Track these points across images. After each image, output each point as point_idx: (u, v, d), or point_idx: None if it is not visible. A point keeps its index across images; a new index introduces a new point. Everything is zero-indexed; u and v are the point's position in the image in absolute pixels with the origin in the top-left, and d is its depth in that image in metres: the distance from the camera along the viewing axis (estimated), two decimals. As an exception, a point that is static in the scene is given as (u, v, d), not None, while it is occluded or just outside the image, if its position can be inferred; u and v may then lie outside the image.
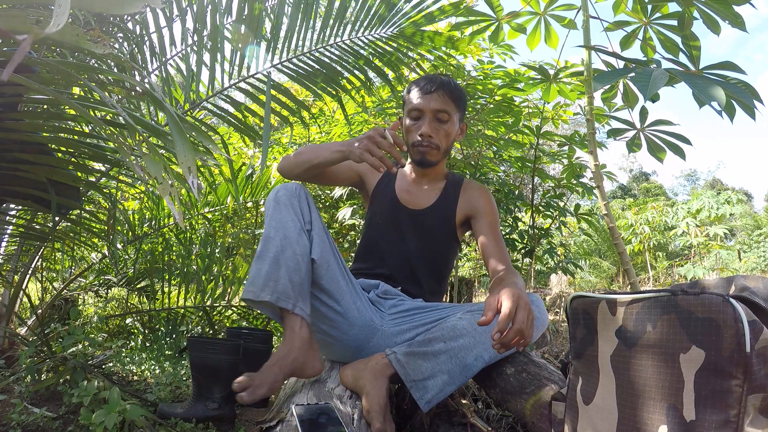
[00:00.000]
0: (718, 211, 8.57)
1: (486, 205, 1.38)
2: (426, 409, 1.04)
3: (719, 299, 0.61)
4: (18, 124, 1.08)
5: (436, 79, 1.33)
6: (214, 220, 2.75)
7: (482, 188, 1.43)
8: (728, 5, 1.32)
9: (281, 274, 1.06)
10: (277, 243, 1.08)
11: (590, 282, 9.06)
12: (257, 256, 1.09)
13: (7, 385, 1.31)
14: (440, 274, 1.44)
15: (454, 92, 1.33)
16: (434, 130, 1.32)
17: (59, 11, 0.43)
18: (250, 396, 0.94)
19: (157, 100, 0.83)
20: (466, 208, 1.40)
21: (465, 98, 1.39)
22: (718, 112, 1.25)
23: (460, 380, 1.07)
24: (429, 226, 1.39)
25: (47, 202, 1.22)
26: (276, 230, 1.10)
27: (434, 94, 1.30)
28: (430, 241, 1.39)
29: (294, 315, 1.06)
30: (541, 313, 1.16)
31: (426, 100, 1.31)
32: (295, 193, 1.16)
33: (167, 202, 0.73)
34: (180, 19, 1.88)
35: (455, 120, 1.34)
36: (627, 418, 0.69)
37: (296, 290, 1.07)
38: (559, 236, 4.90)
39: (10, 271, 1.94)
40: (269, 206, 1.15)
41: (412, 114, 1.33)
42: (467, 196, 1.41)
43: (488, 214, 1.37)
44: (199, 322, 2.50)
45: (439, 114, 1.31)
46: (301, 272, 1.09)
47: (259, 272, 1.06)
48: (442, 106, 1.31)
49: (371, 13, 1.88)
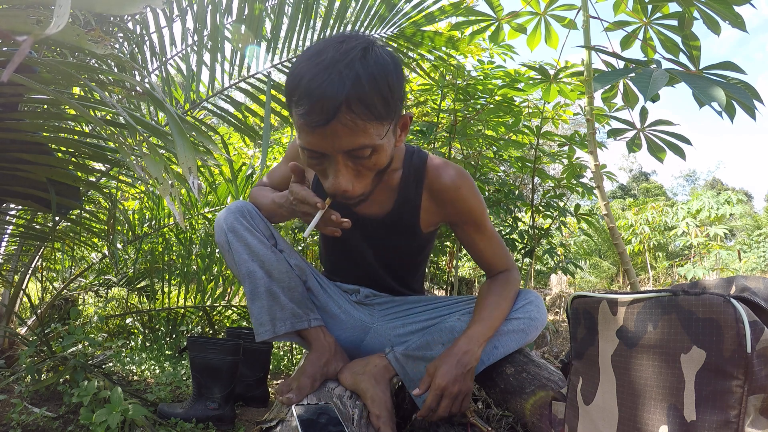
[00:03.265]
0: (718, 211, 8.57)
1: (462, 206, 1.05)
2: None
3: (720, 299, 0.61)
4: (18, 124, 1.08)
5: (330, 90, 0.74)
6: (214, 220, 2.75)
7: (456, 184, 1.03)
8: (728, 5, 1.32)
9: (283, 301, 1.04)
10: (260, 273, 1.02)
11: (590, 282, 9.06)
12: (250, 297, 1.04)
13: (7, 385, 1.31)
14: (414, 275, 1.28)
15: (373, 100, 0.76)
16: (351, 178, 0.82)
17: (59, 12, 0.43)
18: (298, 395, 0.96)
19: (157, 100, 0.83)
20: (437, 214, 1.09)
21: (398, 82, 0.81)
22: (719, 113, 1.25)
23: None
24: (389, 238, 1.12)
25: (47, 202, 1.22)
26: (250, 261, 1.02)
27: (334, 124, 0.75)
28: (394, 255, 1.18)
29: (313, 329, 1.07)
30: (540, 312, 1.12)
31: (322, 138, 0.78)
32: (243, 211, 1.04)
33: (167, 202, 0.73)
34: (180, 19, 1.88)
35: (387, 138, 0.82)
36: (627, 418, 0.69)
37: (302, 307, 1.06)
38: (559, 236, 4.90)
39: (10, 271, 1.94)
40: (225, 239, 1.03)
41: (307, 153, 0.82)
42: (436, 198, 1.06)
43: (466, 218, 1.07)
44: (199, 322, 2.50)
45: (354, 152, 0.80)
46: (298, 287, 1.07)
47: (262, 310, 1.04)
48: (355, 141, 0.78)
49: (371, 13, 1.88)
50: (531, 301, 1.12)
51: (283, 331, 1.04)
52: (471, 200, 1.05)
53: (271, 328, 1.04)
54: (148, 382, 1.65)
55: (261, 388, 1.60)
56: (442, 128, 2.32)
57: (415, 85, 2.45)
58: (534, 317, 1.09)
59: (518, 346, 1.09)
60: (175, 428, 1.23)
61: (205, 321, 2.43)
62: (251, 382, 1.58)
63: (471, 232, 1.09)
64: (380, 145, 0.80)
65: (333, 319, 1.18)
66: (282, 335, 1.06)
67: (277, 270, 1.04)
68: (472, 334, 1.00)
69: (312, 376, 1.02)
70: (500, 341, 1.06)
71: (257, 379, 1.59)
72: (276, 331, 1.04)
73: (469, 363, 0.97)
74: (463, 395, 0.97)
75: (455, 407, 0.96)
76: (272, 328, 1.04)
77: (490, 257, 1.12)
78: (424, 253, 1.24)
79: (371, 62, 0.77)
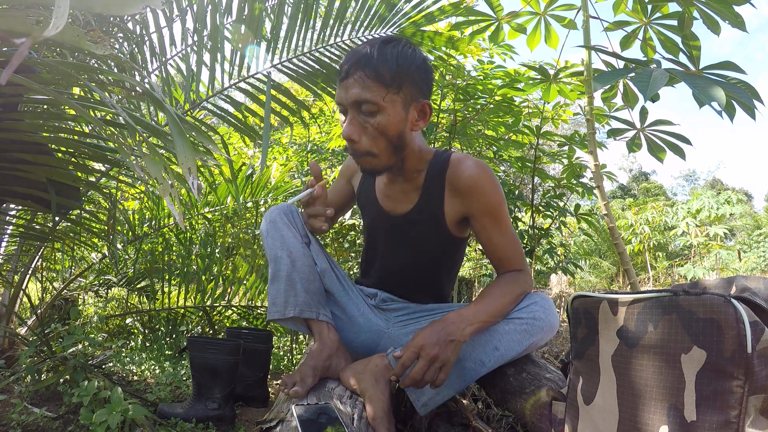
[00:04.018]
0: (718, 211, 8.57)
1: (480, 197, 1.07)
2: (423, 413, 1.03)
3: (721, 300, 0.61)
4: (18, 124, 1.08)
5: (354, 56, 0.99)
6: (214, 220, 2.75)
7: (474, 175, 1.07)
8: (728, 5, 1.32)
9: (298, 289, 1.10)
10: (285, 260, 1.11)
11: (590, 282, 9.06)
12: (272, 278, 1.12)
13: (7, 385, 1.31)
14: (441, 283, 1.26)
15: (380, 68, 0.97)
16: (358, 128, 1.01)
17: (59, 12, 0.43)
18: (303, 386, 0.98)
19: (157, 100, 0.83)
20: (458, 206, 1.11)
21: (412, 68, 1.00)
22: (718, 112, 1.25)
23: (459, 385, 1.03)
24: (415, 234, 1.16)
25: (47, 202, 1.22)
26: (281, 248, 1.12)
27: (350, 79, 0.98)
28: (420, 252, 1.19)
29: (319, 322, 1.11)
30: (546, 312, 1.06)
31: (343, 90, 1.00)
32: (287, 211, 1.17)
33: (167, 202, 0.73)
34: (180, 19, 1.88)
35: (392, 106, 0.99)
36: (628, 418, 0.69)
37: (315, 299, 1.11)
38: (559, 236, 4.89)
39: (10, 271, 1.94)
40: (266, 228, 1.16)
41: (339, 108, 1.05)
42: (456, 190, 1.10)
43: (483, 209, 1.08)
44: (199, 322, 2.50)
45: (362, 106, 0.98)
46: (315, 282, 1.13)
47: (278, 292, 1.10)
48: (361, 94, 0.97)
49: (371, 13, 1.88)
50: (536, 302, 1.08)
51: (291, 314, 1.08)
52: (490, 191, 1.07)
53: (282, 309, 1.09)
54: (148, 382, 1.65)
55: (261, 388, 1.60)
56: (442, 128, 2.32)
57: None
58: (539, 317, 1.05)
59: (522, 349, 1.05)
60: (175, 428, 1.23)
61: (205, 321, 2.43)
62: (251, 382, 1.58)
63: (488, 225, 1.09)
64: (383, 106, 0.99)
65: (351, 321, 1.20)
66: (289, 319, 1.10)
67: (301, 262, 1.11)
68: (464, 312, 0.99)
69: (314, 367, 1.04)
70: (501, 341, 1.03)
71: (257, 379, 1.59)
72: (285, 313, 1.09)
73: (453, 333, 0.94)
74: (441, 363, 0.92)
75: (430, 374, 0.92)
76: (283, 309, 1.09)
77: (503, 252, 1.11)
78: (449, 257, 1.23)
79: (389, 46, 1.00)
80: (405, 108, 1.02)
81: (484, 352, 1.03)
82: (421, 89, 1.04)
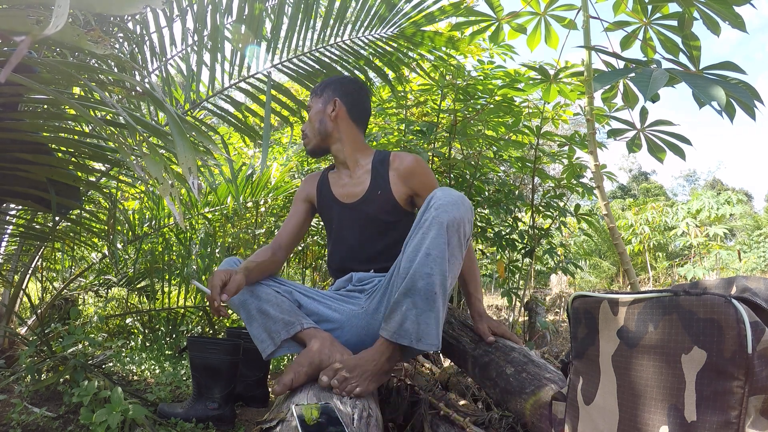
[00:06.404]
0: (718, 211, 8.56)
1: (420, 177, 1.34)
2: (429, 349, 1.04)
3: (721, 300, 0.61)
4: (18, 124, 1.08)
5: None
6: (214, 220, 2.75)
7: (413, 161, 1.36)
8: (728, 5, 1.32)
9: (273, 315, 1.18)
10: (250, 299, 1.21)
11: (590, 282, 9.06)
12: (247, 320, 1.22)
13: (7, 385, 1.31)
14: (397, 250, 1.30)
15: (316, 88, 1.46)
16: (305, 123, 1.46)
17: (59, 12, 0.43)
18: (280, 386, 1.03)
19: (157, 100, 0.83)
20: (403, 187, 1.35)
21: (330, 82, 1.45)
22: (718, 112, 1.25)
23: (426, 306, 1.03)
24: (372, 213, 1.36)
25: (47, 202, 1.22)
26: (242, 293, 1.21)
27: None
28: (377, 228, 1.36)
29: (305, 330, 1.17)
30: (445, 193, 1.10)
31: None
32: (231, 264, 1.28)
33: (167, 202, 0.73)
34: (180, 19, 1.88)
35: (315, 104, 1.42)
36: (628, 418, 0.69)
37: (292, 315, 1.19)
38: (559, 236, 4.90)
39: (10, 271, 1.94)
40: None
41: None
42: (399, 174, 1.35)
43: (424, 187, 1.32)
44: (199, 322, 2.50)
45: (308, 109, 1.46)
46: (284, 303, 1.21)
47: (258, 329, 1.19)
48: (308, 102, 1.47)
49: (371, 13, 1.88)
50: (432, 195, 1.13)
51: (281, 339, 1.16)
52: (427, 173, 1.37)
53: (270, 341, 1.17)
54: (148, 382, 1.65)
55: (261, 388, 1.60)
56: (442, 128, 2.32)
57: (415, 85, 2.44)
58: (438, 204, 1.08)
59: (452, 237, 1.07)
60: (175, 428, 1.23)
61: (205, 321, 2.44)
62: (251, 382, 1.58)
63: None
64: (311, 105, 1.44)
65: (329, 323, 1.26)
66: (283, 346, 1.17)
67: (264, 293, 1.22)
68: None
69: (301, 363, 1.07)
70: (424, 247, 1.06)
71: (257, 379, 1.59)
72: (275, 342, 1.16)
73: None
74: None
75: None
76: (271, 341, 1.17)
77: None
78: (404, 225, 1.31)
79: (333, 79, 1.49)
80: (324, 105, 1.41)
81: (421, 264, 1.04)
82: (336, 93, 1.41)
